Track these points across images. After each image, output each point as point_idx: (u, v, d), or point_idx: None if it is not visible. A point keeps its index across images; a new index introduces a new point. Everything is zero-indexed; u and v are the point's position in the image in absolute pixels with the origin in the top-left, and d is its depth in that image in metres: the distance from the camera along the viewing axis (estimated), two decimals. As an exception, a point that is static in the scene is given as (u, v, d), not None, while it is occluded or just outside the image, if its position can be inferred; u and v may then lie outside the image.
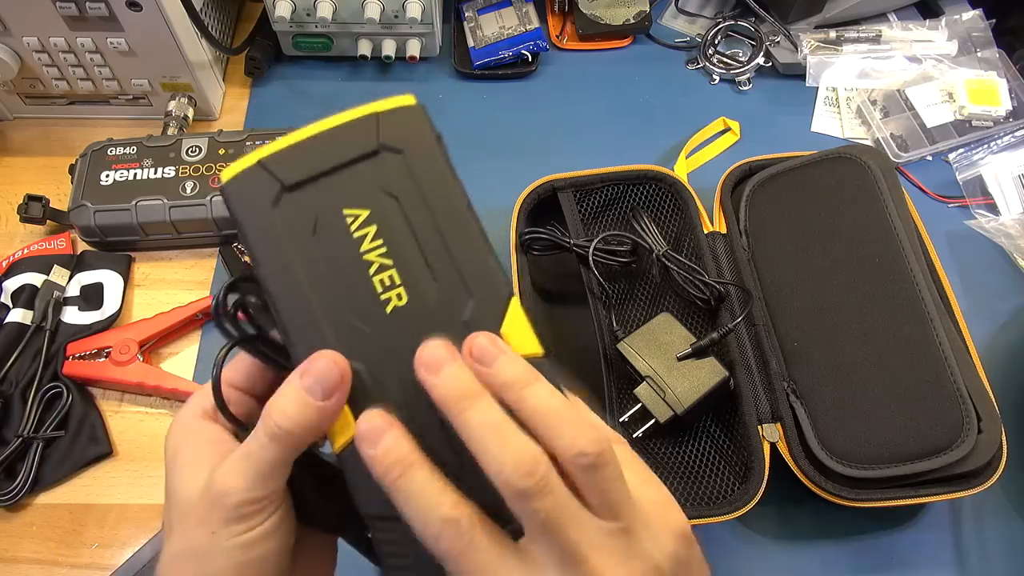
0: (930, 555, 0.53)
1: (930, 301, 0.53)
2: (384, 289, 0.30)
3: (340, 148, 0.31)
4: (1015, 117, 0.70)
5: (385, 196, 0.31)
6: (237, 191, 0.30)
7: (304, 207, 0.30)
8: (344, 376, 0.28)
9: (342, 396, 0.28)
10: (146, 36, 0.63)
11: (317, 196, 0.30)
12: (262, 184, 0.30)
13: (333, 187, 0.30)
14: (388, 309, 0.30)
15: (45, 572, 0.52)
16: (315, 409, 0.28)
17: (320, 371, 0.28)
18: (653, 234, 0.58)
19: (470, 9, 0.76)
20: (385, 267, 0.30)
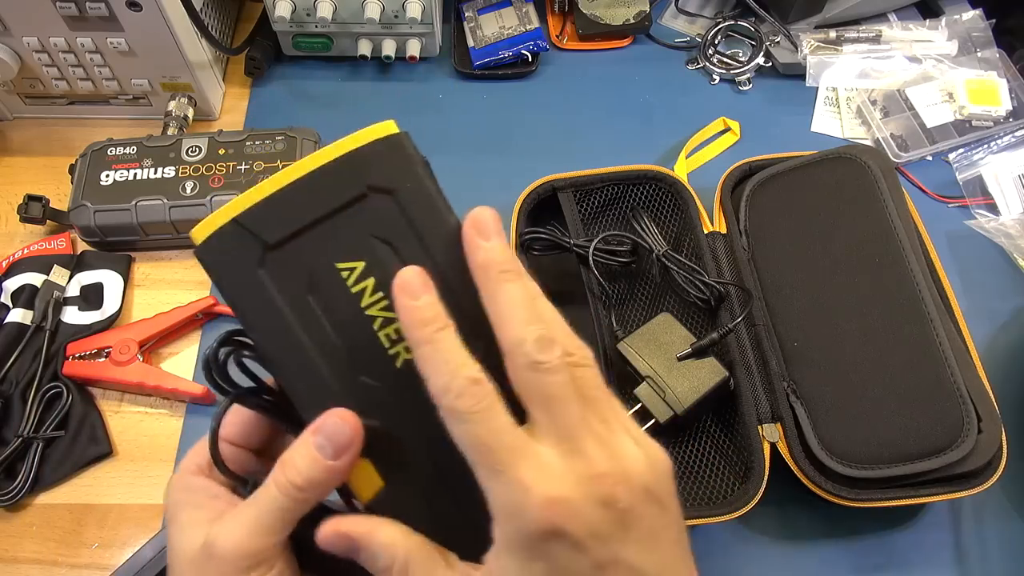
0: (930, 555, 0.53)
1: (930, 301, 0.53)
2: (391, 343, 0.28)
3: (323, 195, 0.28)
4: (1015, 117, 0.70)
5: (379, 243, 0.28)
6: (214, 254, 0.28)
7: (293, 266, 0.28)
8: (355, 434, 0.28)
9: (353, 455, 0.28)
10: (146, 36, 0.63)
11: (306, 252, 0.28)
12: (241, 244, 0.28)
13: (322, 240, 0.28)
14: (398, 364, 0.29)
15: (45, 572, 0.52)
16: (325, 467, 0.27)
17: (330, 430, 0.27)
18: (653, 234, 0.58)
19: (470, 9, 0.76)
20: (389, 321, 0.28)
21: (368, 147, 0.29)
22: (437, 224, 0.29)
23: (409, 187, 0.29)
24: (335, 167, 0.29)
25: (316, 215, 0.28)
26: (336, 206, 0.28)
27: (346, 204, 0.28)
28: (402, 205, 0.29)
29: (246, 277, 0.28)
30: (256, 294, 0.28)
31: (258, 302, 0.28)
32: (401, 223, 0.29)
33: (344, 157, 0.29)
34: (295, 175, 0.28)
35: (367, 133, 0.29)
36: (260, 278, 0.28)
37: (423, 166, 0.30)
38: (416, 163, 0.29)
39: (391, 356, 0.28)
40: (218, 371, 0.29)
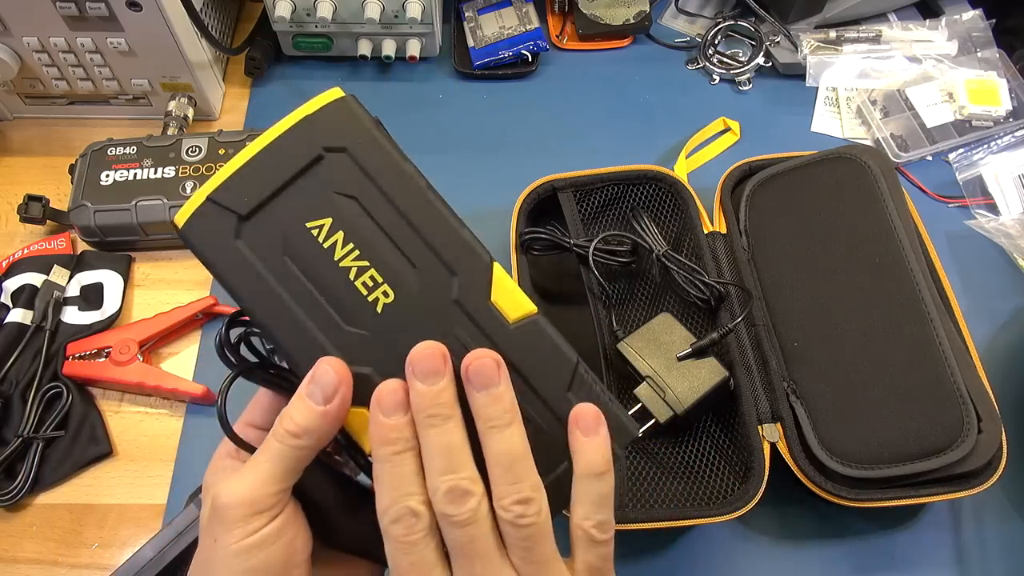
0: (930, 555, 0.53)
1: (930, 301, 0.53)
2: (369, 291, 0.30)
3: (283, 163, 0.30)
4: (1015, 117, 0.70)
5: (342, 199, 0.30)
6: (195, 232, 0.30)
7: (267, 232, 0.30)
8: (342, 379, 0.29)
9: (344, 399, 0.29)
10: (146, 36, 0.63)
11: (276, 218, 0.30)
12: (217, 219, 0.30)
13: (289, 204, 0.30)
14: (379, 309, 0.30)
15: (45, 572, 0.52)
16: (317, 414, 0.28)
17: (318, 376, 0.29)
18: (653, 234, 0.58)
19: (470, 9, 0.76)
20: (364, 269, 0.30)
21: (318, 113, 0.31)
22: (393, 172, 0.31)
23: (361, 143, 0.31)
24: (290, 136, 0.30)
25: (280, 182, 0.30)
26: (297, 170, 0.30)
27: (305, 167, 0.30)
28: (357, 160, 0.30)
29: (226, 249, 0.30)
30: (237, 263, 0.30)
31: (240, 270, 0.30)
32: (359, 176, 0.30)
33: (297, 125, 0.31)
34: (256, 149, 0.30)
35: (316, 101, 0.31)
36: (238, 248, 0.30)
37: (373, 123, 0.31)
38: (364, 120, 0.31)
39: (371, 303, 0.30)
40: (230, 350, 0.30)
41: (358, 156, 0.31)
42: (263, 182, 0.30)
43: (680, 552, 0.53)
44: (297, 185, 0.30)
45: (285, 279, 0.30)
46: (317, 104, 0.31)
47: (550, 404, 0.31)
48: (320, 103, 0.31)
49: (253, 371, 0.32)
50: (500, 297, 0.31)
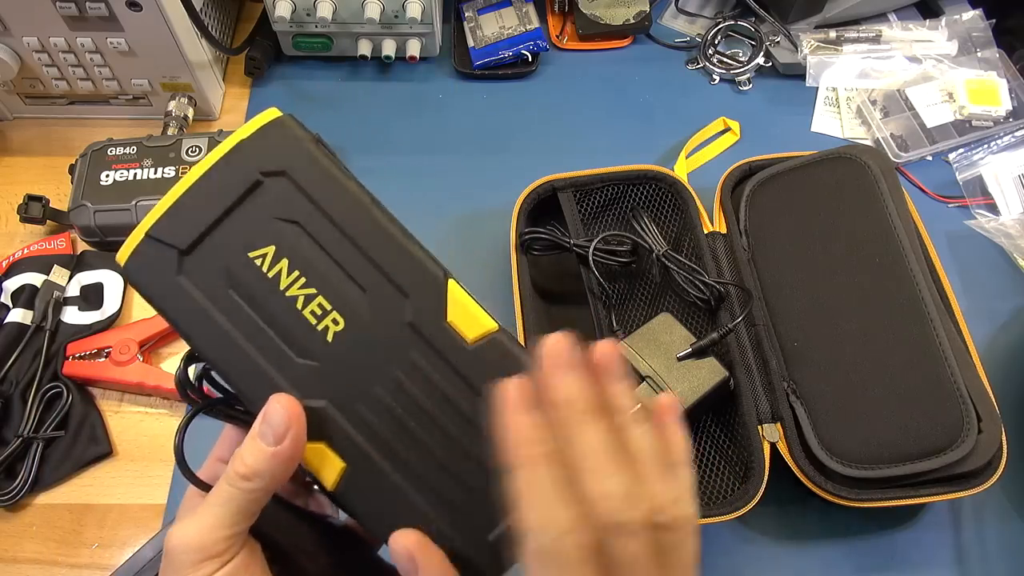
0: (930, 555, 0.53)
1: (930, 301, 0.53)
2: (318, 319, 0.29)
3: (220, 191, 0.29)
4: (1015, 117, 0.70)
5: (284, 224, 0.29)
6: (137, 270, 0.29)
7: (209, 265, 0.29)
8: (292, 416, 0.28)
9: (296, 437, 0.28)
10: (146, 36, 0.63)
11: (217, 250, 0.29)
12: (158, 255, 0.29)
13: (229, 234, 0.29)
14: (329, 337, 0.29)
15: (45, 572, 0.52)
16: (268, 455, 0.27)
17: (269, 416, 0.27)
18: (653, 234, 0.58)
19: (470, 9, 0.76)
20: (311, 297, 0.29)
21: (253, 136, 0.29)
22: (336, 191, 0.29)
23: (299, 164, 0.29)
24: (226, 162, 0.29)
25: (218, 212, 0.29)
26: (235, 198, 0.29)
27: (244, 194, 0.29)
28: (297, 182, 0.29)
29: (168, 286, 0.29)
30: (181, 300, 0.29)
31: (184, 307, 0.29)
32: (300, 199, 0.29)
33: (232, 151, 0.29)
34: (192, 179, 0.29)
35: (251, 124, 0.29)
36: (181, 284, 0.28)
37: (312, 141, 0.30)
38: (302, 140, 0.30)
39: (321, 332, 0.29)
40: (189, 387, 0.29)
41: (297, 178, 0.29)
42: (200, 213, 0.29)
43: (680, 552, 0.53)
44: (236, 214, 0.29)
45: (231, 313, 0.28)
46: (252, 127, 0.29)
47: None
48: (254, 126, 0.29)
49: (214, 407, 0.31)
50: (456, 316, 0.29)
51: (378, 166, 0.69)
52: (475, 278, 0.63)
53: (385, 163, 0.69)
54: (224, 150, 0.29)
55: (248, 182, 0.29)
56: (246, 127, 0.29)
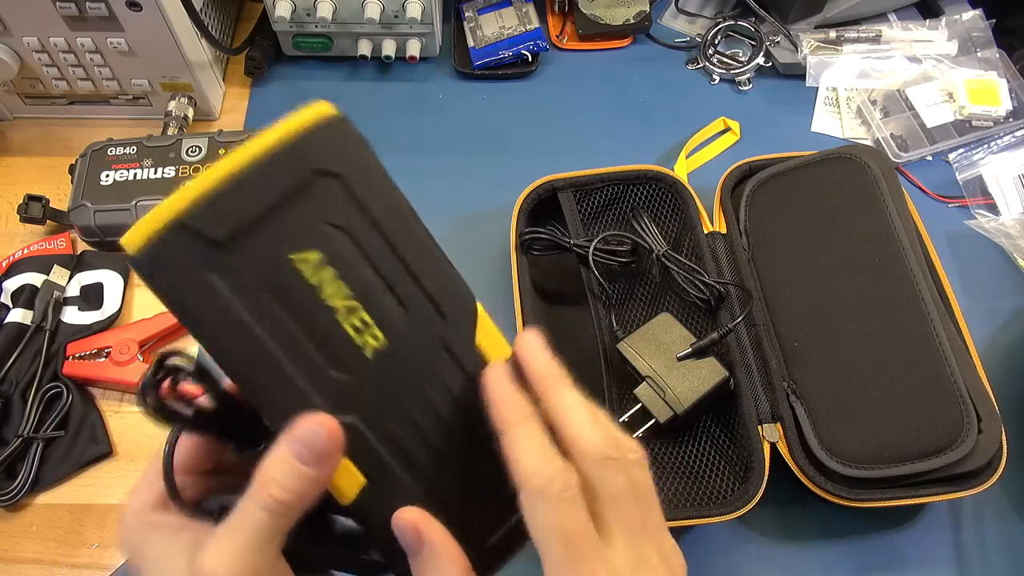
0: (930, 555, 0.53)
1: (930, 301, 0.53)
2: (358, 333, 0.27)
3: (268, 185, 0.26)
4: (1015, 117, 0.70)
5: (332, 230, 0.27)
6: (156, 262, 0.25)
7: (245, 264, 0.26)
8: (335, 438, 0.26)
9: (336, 459, 0.27)
10: (146, 36, 0.63)
11: (257, 248, 0.26)
12: (186, 247, 0.25)
13: (272, 233, 0.26)
14: (368, 353, 0.27)
15: (45, 572, 0.52)
16: (307, 477, 0.26)
17: (307, 436, 0.26)
18: (653, 234, 0.58)
19: (470, 9, 0.76)
20: (353, 310, 0.27)
21: (309, 130, 0.27)
22: (388, 202, 0.28)
23: (356, 169, 0.28)
24: (276, 154, 0.26)
25: (263, 207, 0.26)
26: (282, 195, 0.26)
27: (292, 192, 0.26)
28: (350, 188, 0.27)
29: (196, 283, 0.25)
30: (208, 300, 0.25)
31: (212, 308, 0.25)
32: (351, 207, 0.27)
33: (284, 142, 0.26)
34: (237, 164, 0.26)
35: (304, 115, 0.27)
36: (211, 281, 0.25)
37: (367, 146, 0.28)
38: (361, 143, 0.28)
39: (359, 347, 0.27)
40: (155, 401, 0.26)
41: (351, 183, 0.27)
42: (244, 206, 0.26)
43: (680, 552, 0.53)
44: (282, 211, 0.26)
45: (265, 319, 0.26)
46: (307, 120, 0.27)
47: None
48: (311, 119, 0.27)
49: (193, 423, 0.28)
50: (484, 339, 0.29)
51: (378, 166, 0.69)
52: (475, 278, 0.62)
53: (385, 163, 0.68)
54: (276, 138, 0.26)
55: (299, 179, 0.26)
56: (299, 118, 0.27)
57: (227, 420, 0.29)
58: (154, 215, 0.25)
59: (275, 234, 0.26)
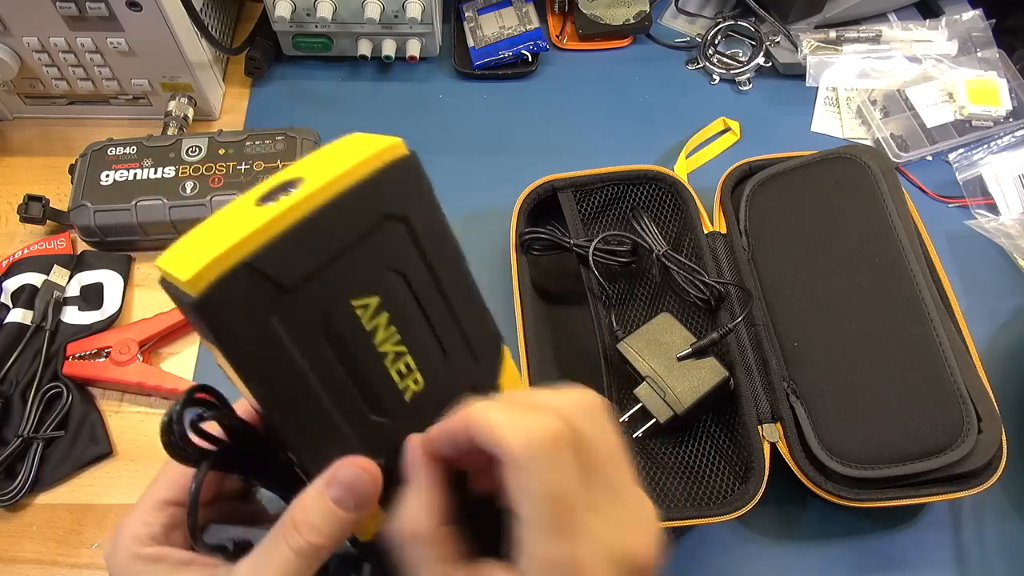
0: (930, 555, 0.53)
1: (930, 301, 0.53)
2: (401, 377, 0.27)
3: (341, 228, 0.25)
4: (1015, 117, 0.70)
5: (393, 275, 0.27)
6: (222, 307, 0.23)
7: (308, 308, 0.25)
8: (376, 483, 0.26)
9: (374, 502, 0.26)
10: (146, 36, 0.63)
11: (322, 292, 0.25)
12: (252, 290, 0.24)
13: (338, 276, 0.25)
14: (407, 397, 0.27)
15: (45, 572, 0.52)
16: (347, 522, 0.26)
17: (349, 481, 0.26)
18: (653, 234, 0.58)
19: (470, 9, 0.76)
20: (400, 355, 0.27)
21: (383, 171, 0.26)
22: (444, 247, 0.28)
23: (420, 212, 0.27)
24: (353, 194, 0.25)
25: (335, 250, 0.25)
26: (355, 238, 0.25)
27: (364, 235, 0.26)
28: (414, 232, 0.27)
29: (259, 327, 0.24)
30: (267, 344, 0.24)
31: (269, 352, 0.24)
32: (412, 252, 0.27)
33: (362, 183, 0.25)
34: (311, 205, 0.25)
35: (379, 154, 0.26)
36: (272, 325, 0.24)
37: (431, 188, 0.28)
38: (429, 187, 0.27)
39: (401, 390, 0.27)
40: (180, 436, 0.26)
41: (416, 227, 0.26)
42: (316, 248, 0.25)
43: (680, 552, 0.53)
44: (351, 254, 0.25)
45: (317, 362, 0.25)
46: (382, 158, 0.26)
47: None
48: (386, 158, 0.26)
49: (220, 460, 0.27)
50: (506, 379, 0.29)
51: (378, 166, 0.69)
52: (475, 278, 0.63)
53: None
54: (353, 179, 0.25)
55: (371, 222, 0.26)
56: (374, 156, 0.26)
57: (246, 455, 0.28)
58: (219, 257, 0.23)
59: (340, 278, 0.25)
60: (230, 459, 0.28)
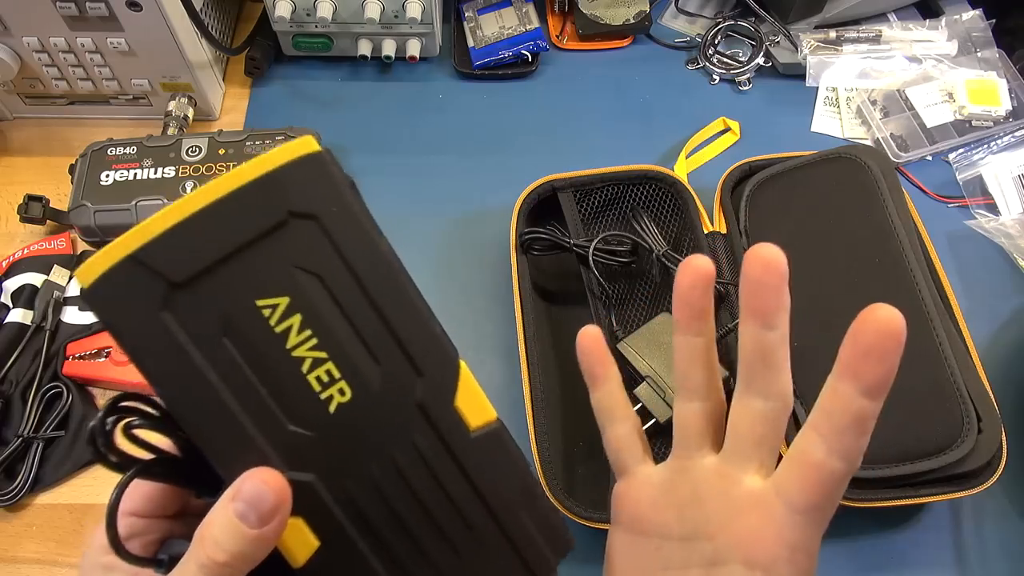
0: (930, 555, 0.53)
1: (930, 301, 0.53)
2: (323, 387, 0.26)
3: (238, 223, 0.25)
4: (1015, 117, 0.70)
5: (305, 275, 0.25)
6: (105, 297, 0.24)
7: (204, 306, 0.25)
8: (281, 497, 0.25)
9: (282, 520, 0.25)
10: (146, 36, 0.63)
11: (219, 290, 0.25)
12: (140, 284, 0.24)
13: (238, 275, 0.25)
14: (331, 408, 0.26)
15: (45, 572, 0.52)
16: (250, 538, 0.24)
17: (251, 494, 0.24)
18: (653, 234, 0.58)
19: (470, 9, 0.76)
20: (320, 361, 0.26)
21: (288, 167, 0.25)
22: (368, 248, 0.26)
23: (335, 210, 0.26)
24: (250, 190, 0.25)
25: (230, 246, 0.25)
26: (254, 235, 0.25)
27: (265, 232, 0.25)
28: (328, 231, 0.26)
29: (146, 322, 0.24)
30: (159, 340, 0.24)
31: (162, 349, 0.24)
32: (328, 252, 0.26)
33: (261, 179, 0.25)
34: (204, 201, 0.24)
35: (285, 151, 0.26)
36: (163, 322, 0.24)
37: (349, 187, 0.26)
38: (341, 184, 0.26)
39: (323, 401, 0.26)
40: (105, 444, 0.25)
41: (329, 226, 0.26)
42: (209, 244, 0.24)
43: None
44: (252, 252, 0.25)
45: (220, 363, 0.25)
46: (286, 155, 0.25)
47: (499, 520, 0.28)
48: (291, 154, 0.25)
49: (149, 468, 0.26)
50: (464, 401, 0.27)
51: (378, 166, 0.69)
52: (475, 278, 0.63)
53: (385, 163, 0.69)
54: (250, 175, 0.25)
55: (273, 219, 0.25)
56: (278, 154, 0.25)
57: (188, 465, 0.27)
58: (112, 247, 0.24)
59: (241, 276, 0.25)
60: (170, 470, 0.27)
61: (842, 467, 0.28)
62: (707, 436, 0.32)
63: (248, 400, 0.25)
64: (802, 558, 0.29)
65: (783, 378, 0.32)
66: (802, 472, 0.29)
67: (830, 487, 0.28)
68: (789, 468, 0.30)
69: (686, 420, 0.33)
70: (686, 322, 0.32)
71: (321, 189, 0.26)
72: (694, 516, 0.31)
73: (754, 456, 0.31)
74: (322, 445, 0.26)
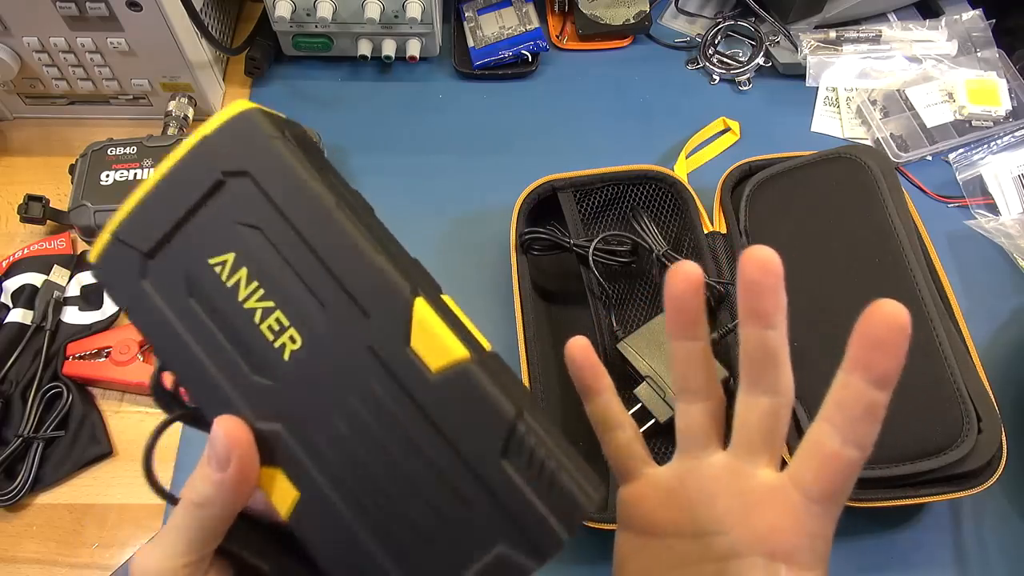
0: (930, 555, 0.53)
1: (930, 301, 0.53)
2: (275, 335, 0.26)
3: (182, 192, 0.27)
4: (1015, 117, 0.70)
5: (246, 230, 0.27)
6: (107, 273, 0.28)
7: (171, 270, 0.27)
8: (234, 442, 0.26)
9: (242, 463, 0.26)
10: (146, 36, 0.63)
11: (179, 254, 0.27)
12: (124, 258, 0.27)
13: (191, 238, 0.27)
14: (286, 356, 0.26)
15: (45, 572, 0.52)
16: (215, 482, 0.26)
17: (212, 440, 0.26)
18: (653, 234, 0.58)
19: (470, 9, 0.76)
20: (269, 311, 0.26)
21: (217, 131, 0.27)
22: (298, 193, 0.26)
23: (263, 164, 0.27)
24: (189, 158, 0.27)
25: (180, 214, 0.27)
26: (196, 200, 0.27)
27: (206, 195, 0.27)
28: (260, 184, 0.27)
29: (133, 290, 0.27)
30: (144, 305, 0.27)
31: (147, 313, 0.27)
32: (264, 205, 0.27)
33: (195, 147, 0.27)
34: (156, 178, 0.27)
35: (216, 118, 0.27)
36: (144, 289, 0.27)
37: (279, 138, 0.27)
38: (266, 136, 0.27)
39: (277, 349, 0.26)
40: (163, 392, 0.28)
41: (260, 179, 0.27)
42: (163, 214, 0.27)
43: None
44: (199, 216, 0.27)
45: (190, 322, 0.27)
46: (217, 121, 0.27)
47: (479, 473, 0.25)
48: (219, 120, 0.27)
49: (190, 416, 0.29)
50: (420, 342, 0.25)
51: (378, 166, 0.69)
52: (475, 278, 0.63)
53: (385, 163, 0.69)
54: (188, 147, 0.27)
55: (210, 182, 0.27)
56: (211, 121, 0.27)
57: None
58: (104, 230, 0.28)
59: (193, 239, 0.27)
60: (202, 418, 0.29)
61: (857, 455, 0.29)
62: (712, 434, 0.33)
63: (217, 355, 0.27)
64: (821, 545, 0.30)
65: (785, 374, 0.32)
66: (819, 462, 0.30)
67: (846, 475, 0.29)
68: (805, 459, 0.30)
69: (690, 421, 0.33)
70: (681, 328, 0.33)
71: (249, 145, 0.27)
72: (706, 513, 0.32)
73: (764, 450, 0.32)
74: (285, 394, 0.26)
